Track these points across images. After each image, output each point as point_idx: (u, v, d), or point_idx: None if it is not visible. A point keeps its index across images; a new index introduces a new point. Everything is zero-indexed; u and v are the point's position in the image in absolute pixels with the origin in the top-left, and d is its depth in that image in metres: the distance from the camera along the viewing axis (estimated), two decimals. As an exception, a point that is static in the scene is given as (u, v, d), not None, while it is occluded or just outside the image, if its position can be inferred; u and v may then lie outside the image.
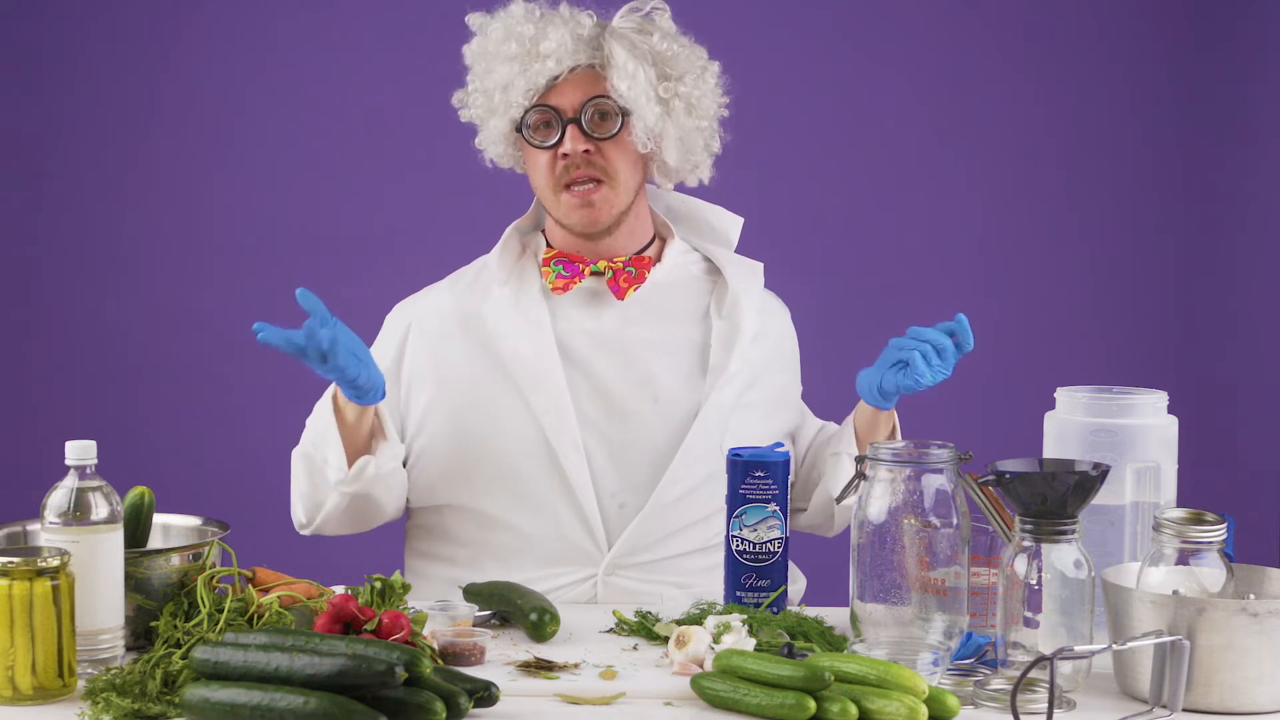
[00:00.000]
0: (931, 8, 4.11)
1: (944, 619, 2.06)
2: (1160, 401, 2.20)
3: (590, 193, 2.48)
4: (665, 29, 2.51)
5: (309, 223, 4.07)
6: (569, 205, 2.50)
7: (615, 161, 2.49)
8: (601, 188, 2.49)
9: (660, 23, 2.51)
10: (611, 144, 2.48)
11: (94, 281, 4.07)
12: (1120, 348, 4.15)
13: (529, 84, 2.47)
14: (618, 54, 2.46)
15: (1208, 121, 4.12)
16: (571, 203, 2.49)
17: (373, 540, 2.97)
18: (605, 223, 2.51)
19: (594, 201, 2.49)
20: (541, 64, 2.46)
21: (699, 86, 2.52)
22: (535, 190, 2.55)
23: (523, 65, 2.47)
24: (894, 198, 4.13)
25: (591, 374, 2.50)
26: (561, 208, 2.51)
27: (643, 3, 2.52)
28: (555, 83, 2.48)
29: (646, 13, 2.51)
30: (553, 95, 2.48)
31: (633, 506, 2.48)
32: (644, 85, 2.45)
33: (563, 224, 2.53)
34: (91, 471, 1.96)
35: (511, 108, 2.49)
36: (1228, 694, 1.87)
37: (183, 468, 3.99)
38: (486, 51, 2.50)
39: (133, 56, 4.04)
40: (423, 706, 1.75)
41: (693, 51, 2.53)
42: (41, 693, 1.88)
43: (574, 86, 2.48)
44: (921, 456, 2.08)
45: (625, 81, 2.45)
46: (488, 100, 2.51)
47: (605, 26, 2.50)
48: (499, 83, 2.48)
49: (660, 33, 2.50)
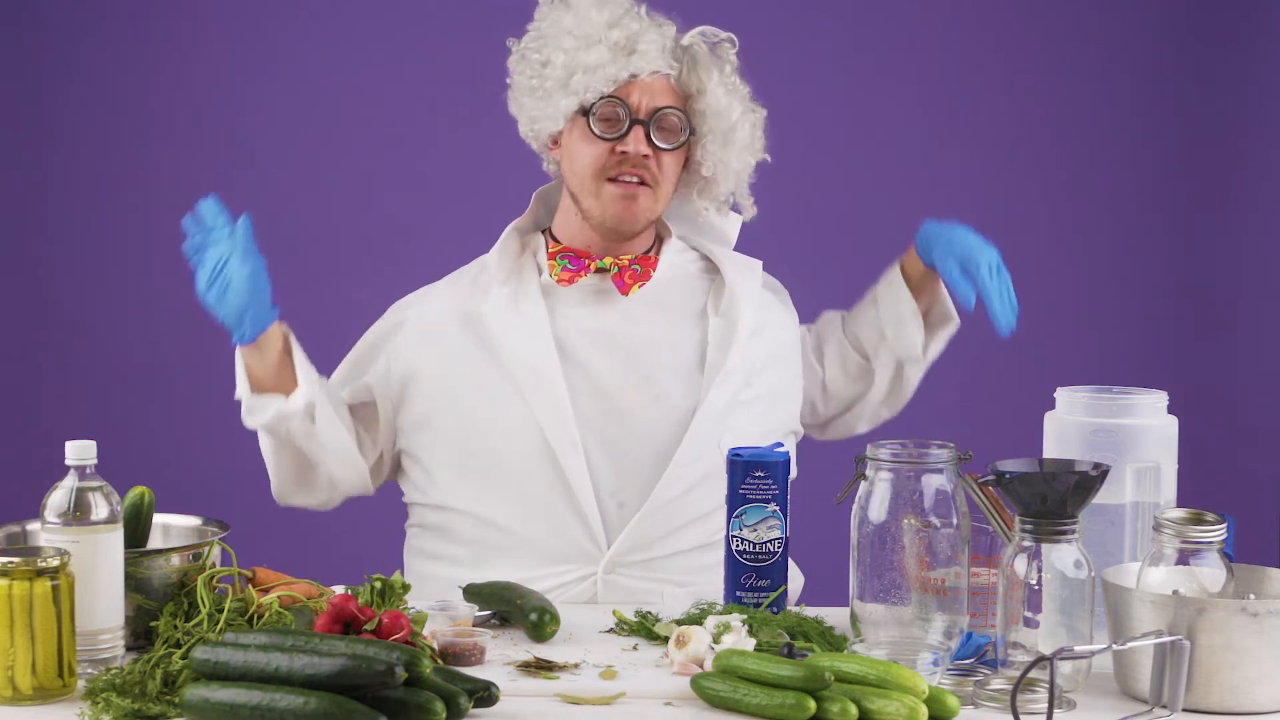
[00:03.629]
0: (932, 8, 4.11)
1: (944, 619, 2.06)
2: (1160, 401, 2.21)
3: (636, 188, 2.50)
4: (734, 63, 2.56)
5: (309, 222, 4.07)
6: (611, 195, 2.50)
7: (666, 171, 2.52)
8: (647, 191, 2.51)
9: (729, 55, 2.55)
10: (668, 155, 2.52)
11: (94, 281, 4.07)
12: (1120, 348, 4.15)
13: (616, 73, 2.49)
14: (711, 74, 2.51)
15: (1208, 121, 4.12)
16: (615, 193, 2.50)
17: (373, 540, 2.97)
18: (639, 226, 2.53)
19: (638, 199, 2.50)
20: (632, 60, 2.49)
21: (756, 125, 2.58)
22: (572, 177, 2.54)
23: (614, 55, 2.48)
24: (894, 197, 4.12)
25: (590, 372, 2.51)
26: (603, 197, 2.51)
27: (713, 32, 2.55)
28: (634, 80, 2.50)
29: (717, 42, 2.55)
30: (628, 91, 2.50)
31: (632, 505, 2.48)
32: (737, 111, 2.52)
33: (593, 215, 2.53)
34: (91, 471, 1.96)
35: (588, 91, 2.49)
36: (1228, 694, 1.87)
37: (183, 468, 3.99)
38: (582, 30, 2.50)
39: (134, 56, 4.04)
40: (423, 706, 1.75)
41: (746, 90, 2.58)
42: (41, 693, 1.88)
43: (650, 91, 2.50)
44: (921, 456, 2.09)
45: (723, 101, 2.51)
46: (566, 74, 2.50)
47: (684, 44, 2.54)
48: (586, 62, 2.49)
49: (731, 65, 2.55)
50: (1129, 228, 4.15)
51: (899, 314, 2.60)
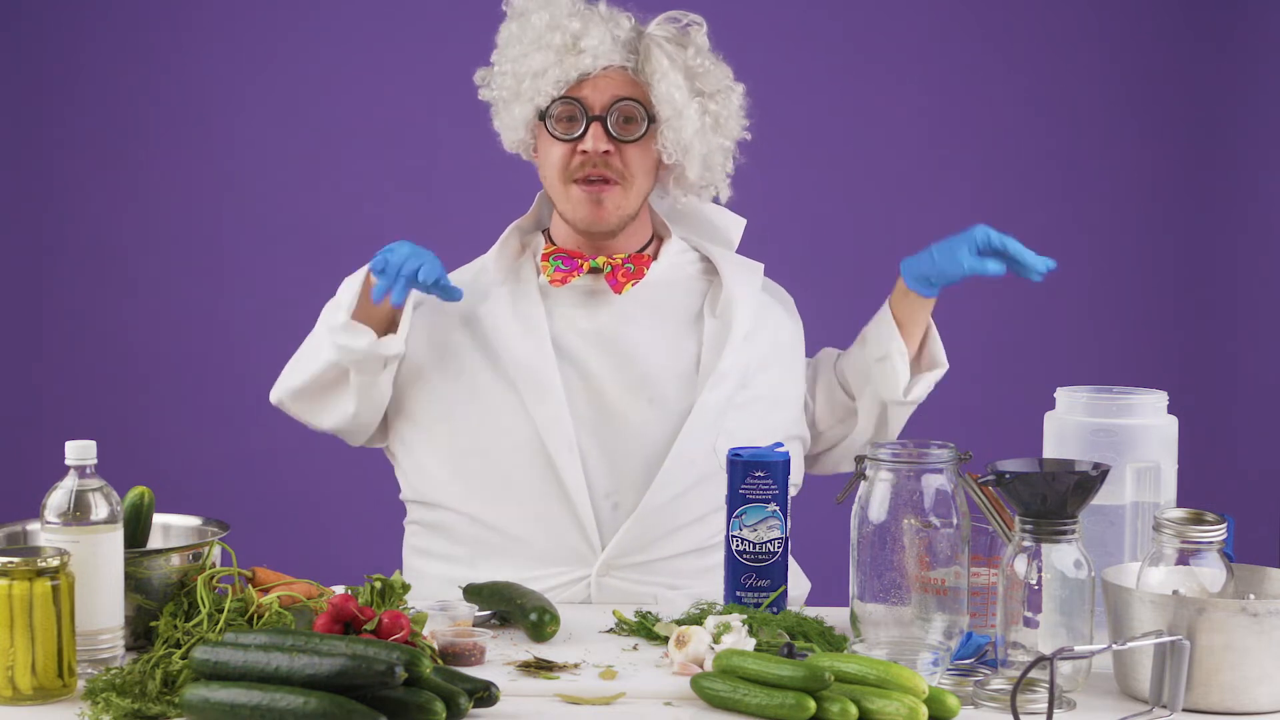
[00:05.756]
0: (931, 9, 4.11)
1: (944, 619, 2.06)
2: (1160, 401, 2.20)
3: (601, 190, 2.49)
4: (700, 45, 2.52)
5: (310, 223, 4.07)
6: (578, 199, 2.50)
7: (633, 165, 2.50)
8: (614, 188, 2.49)
9: (696, 38, 2.52)
10: (632, 147, 2.49)
11: (95, 281, 4.07)
12: (1120, 348, 4.15)
13: (562, 75, 2.47)
14: (660, 61, 2.48)
15: (1208, 121, 4.12)
16: (580, 197, 2.50)
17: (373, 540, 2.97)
18: (611, 225, 2.51)
19: (603, 201, 2.49)
20: (577, 58, 2.47)
21: (727, 106, 2.54)
22: (544, 180, 2.56)
23: (559, 56, 2.47)
24: (893, 197, 4.12)
25: (587, 373, 2.50)
26: (570, 200, 2.51)
27: (681, 15, 2.53)
28: (586, 78, 2.49)
29: (684, 25, 2.53)
30: (581, 89, 2.49)
31: (626, 507, 2.47)
32: (683, 96, 2.47)
33: (568, 218, 2.53)
34: (91, 471, 1.96)
35: (539, 95, 2.49)
36: (1228, 694, 1.87)
37: (183, 468, 3.99)
38: (525, 37, 2.50)
39: (134, 56, 4.04)
40: (423, 706, 1.75)
41: (722, 70, 2.55)
42: (41, 693, 1.88)
43: (604, 85, 2.49)
44: (921, 456, 2.09)
45: (672, 89, 2.47)
46: (516, 83, 2.51)
47: (642, 32, 2.52)
48: (532, 69, 2.48)
49: (695, 47, 2.52)
50: (1129, 228, 4.15)
51: (885, 352, 2.54)
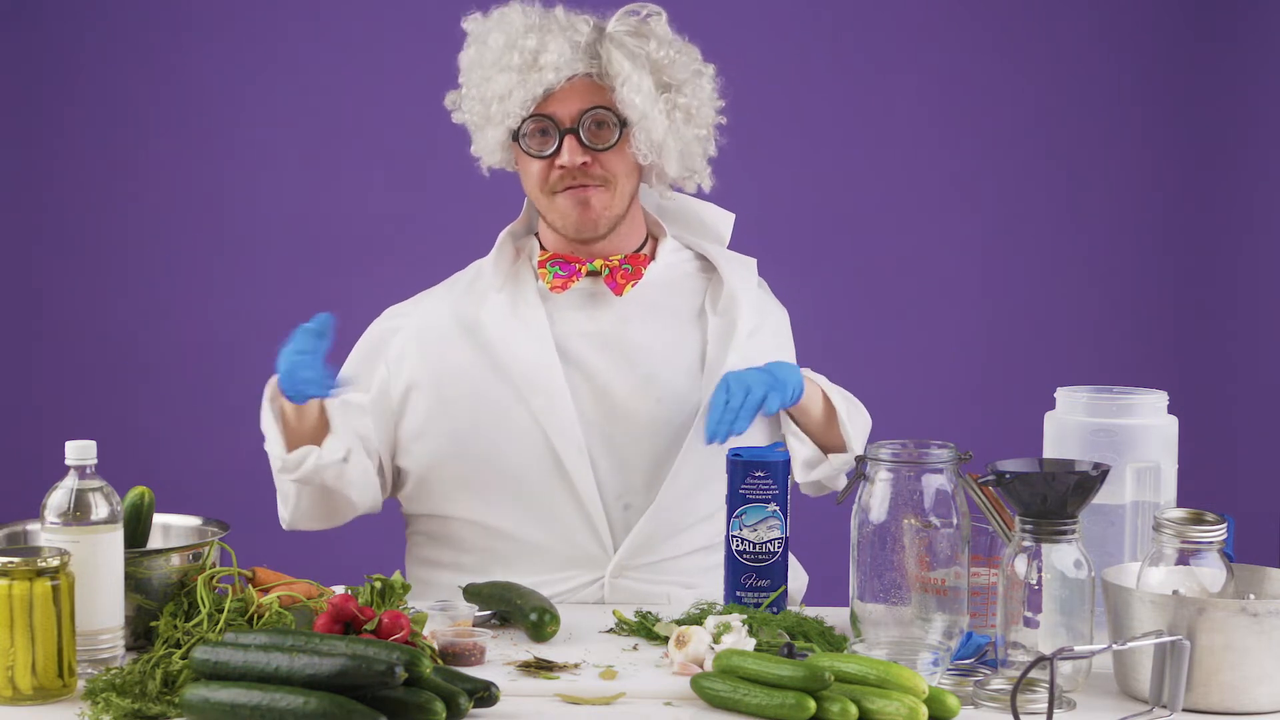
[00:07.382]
0: (930, 6, 4.11)
1: (944, 619, 2.06)
2: (1160, 401, 2.20)
3: (586, 191, 2.47)
4: (662, 35, 2.48)
5: (308, 224, 4.07)
6: (564, 207, 2.48)
7: (613, 169, 2.47)
8: (598, 189, 2.47)
9: (656, 29, 2.48)
10: (609, 153, 2.46)
11: (94, 281, 4.07)
12: (1120, 348, 4.15)
13: (527, 94, 2.44)
14: (622, 64, 2.43)
15: (1208, 121, 4.12)
16: (566, 204, 2.47)
17: (373, 540, 2.97)
18: (601, 228, 2.49)
19: (590, 201, 2.47)
20: (540, 75, 2.43)
21: (697, 94, 2.50)
22: (528, 193, 2.54)
23: (521, 76, 2.44)
24: (893, 197, 4.12)
25: (592, 376, 2.49)
26: (556, 210, 2.49)
27: (640, 6, 2.49)
28: (552, 92, 2.45)
29: (643, 17, 2.49)
30: (550, 105, 2.45)
31: (637, 508, 2.47)
32: (649, 96, 2.44)
33: (557, 227, 2.51)
34: (91, 471, 1.96)
35: (509, 117, 2.46)
36: (1228, 694, 1.87)
37: (183, 468, 3.99)
38: (485, 60, 2.47)
39: (133, 56, 4.03)
40: (423, 706, 1.75)
41: (689, 56, 2.50)
42: (41, 693, 1.88)
43: (571, 96, 2.45)
44: (921, 456, 2.09)
45: (633, 93, 2.43)
46: (484, 108, 2.48)
47: (602, 32, 2.47)
48: (497, 92, 2.45)
49: (657, 40, 2.47)
50: (1129, 228, 4.15)
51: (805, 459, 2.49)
